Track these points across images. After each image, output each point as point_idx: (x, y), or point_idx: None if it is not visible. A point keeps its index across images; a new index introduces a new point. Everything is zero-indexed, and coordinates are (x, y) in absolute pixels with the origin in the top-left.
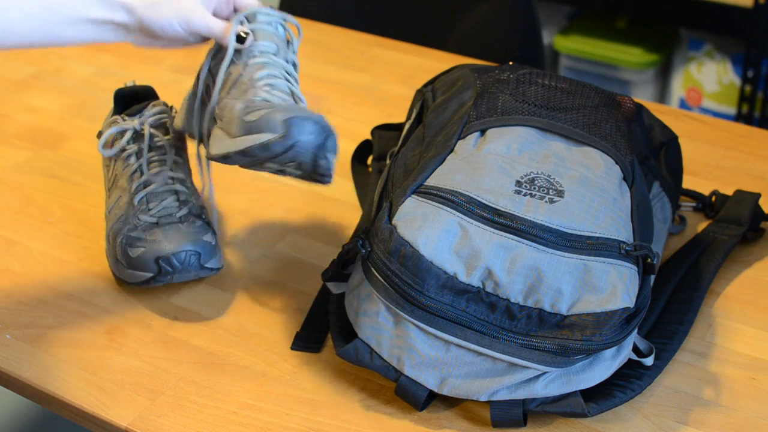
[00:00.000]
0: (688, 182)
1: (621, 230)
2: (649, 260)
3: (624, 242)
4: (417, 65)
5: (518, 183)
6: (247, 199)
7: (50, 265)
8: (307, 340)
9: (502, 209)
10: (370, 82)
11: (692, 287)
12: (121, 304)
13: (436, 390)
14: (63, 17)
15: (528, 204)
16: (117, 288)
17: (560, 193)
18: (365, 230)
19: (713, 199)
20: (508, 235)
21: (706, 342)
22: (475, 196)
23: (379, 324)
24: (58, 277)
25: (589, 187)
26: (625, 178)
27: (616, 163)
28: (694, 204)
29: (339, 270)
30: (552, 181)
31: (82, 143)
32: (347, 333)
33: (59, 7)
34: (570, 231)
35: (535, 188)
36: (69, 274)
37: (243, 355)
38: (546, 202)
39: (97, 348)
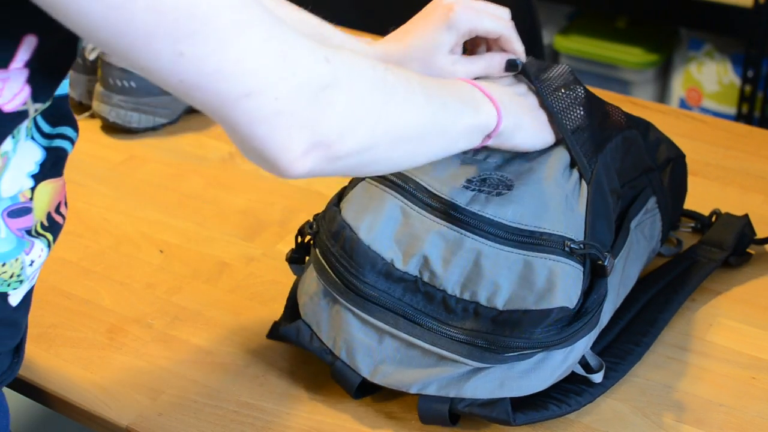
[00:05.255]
0: (688, 182)
1: (570, 228)
2: (599, 262)
3: (570, 239)
4: None
5: (468, 181)
6: (247, 199)
7: (50, 264)
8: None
9: (446, 198)
10: None
11: (659, 309)
12: (122, 303)
13: (368, 377)
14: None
15: (474, 197)
16: (117, 287)
17: (509, 188)
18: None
19: (713, 219)
20: (449, 224)
21: (707, 341)
22: (422, 182)
23: (319, 306)
24: (58, 276)
25: (540, 182)
26: (582, 177)
27: (575, 160)
28: (693, 224)
29: (301, 252)
30: (503, 179)
31: (82, 143)
32: (294, 313)
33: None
34: (513, 225)
35: (485, 185)
36: (69, 273)
37: (243, 354)
38: (493, 195)
39: (98, 347)
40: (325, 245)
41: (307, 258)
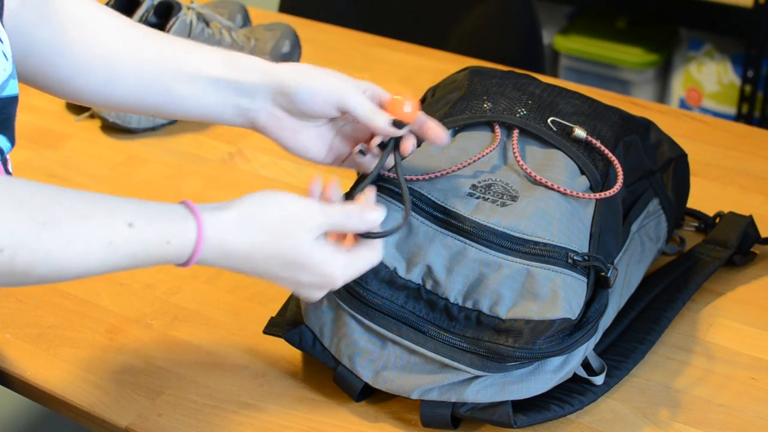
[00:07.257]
0: None
1: (574, 239)
2: (603, 273)
3: (574, 251)
4: (417, 65)
5: (474, 186)
6: None
7: None
8: (279, 326)
9: (449, 208)
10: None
11: (663, 307)
12: (121, 303)
13: (370, 383)
14: (179, 73)
15: (479, 206)
16: (117, 288)
17: (514, 198)
18: None
19: (717, 220)
20: (452, 234)
21: (707, 342)
22: (426, 194)
23: (322, 312)
24: None
25: (546, 193)
26: (592, 188)
27: (584, 170)
28: (696, 224)
29: None
30: (508, 188)
31: (82, 143)
32: (297, 318)
33: (175, 63)
34: (517, 235)
35: (489, 193)
36: None
37: (243, 355)
38: (498, 205)
39: (98, 347)
40: None
41: None
